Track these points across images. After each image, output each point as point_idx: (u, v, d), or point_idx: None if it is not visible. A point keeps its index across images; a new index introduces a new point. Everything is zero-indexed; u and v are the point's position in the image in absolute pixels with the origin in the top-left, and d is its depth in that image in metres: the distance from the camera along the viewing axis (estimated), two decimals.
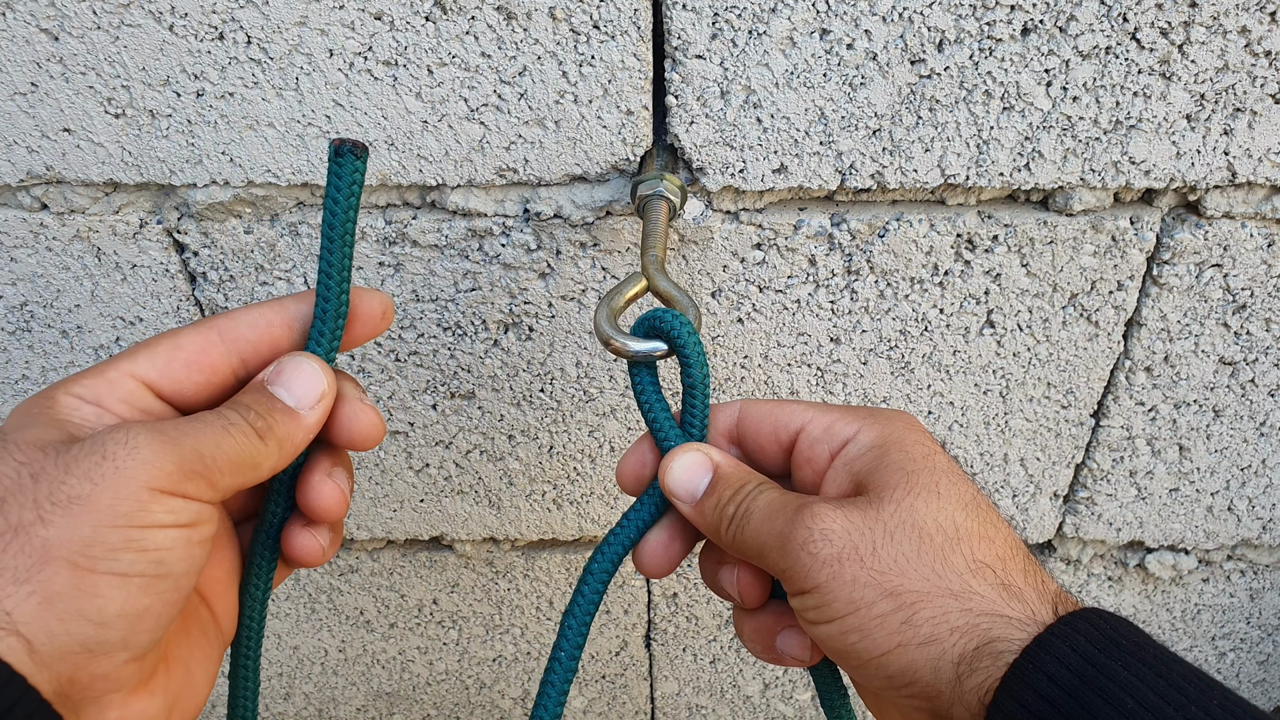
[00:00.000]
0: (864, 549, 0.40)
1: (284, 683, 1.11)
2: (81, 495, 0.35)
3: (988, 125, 0.64)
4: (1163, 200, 0.71)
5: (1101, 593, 0.98)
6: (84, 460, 0.36)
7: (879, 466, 0.43)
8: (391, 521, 0.92)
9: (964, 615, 0.39)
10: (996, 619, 0.38)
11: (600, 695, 1.12)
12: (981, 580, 0.39)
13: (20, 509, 0.35)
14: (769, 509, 0.43)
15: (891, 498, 0.41)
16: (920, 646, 0.39)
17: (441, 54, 0.62)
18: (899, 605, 0.39)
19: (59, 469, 0.36)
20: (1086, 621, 0.38)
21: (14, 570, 0.34)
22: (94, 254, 0.73)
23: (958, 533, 0.41)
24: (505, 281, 0.74)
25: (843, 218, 0.70)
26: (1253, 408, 0.82)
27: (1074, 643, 0.36)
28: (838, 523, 0.41)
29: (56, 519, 0.35)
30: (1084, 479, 0.88)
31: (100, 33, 0.61)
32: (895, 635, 0.39)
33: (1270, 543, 0.93)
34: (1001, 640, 0.38)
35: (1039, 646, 0.37)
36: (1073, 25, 0.60)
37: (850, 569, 0.40)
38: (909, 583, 0.39)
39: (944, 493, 0.42)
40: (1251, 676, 1.08)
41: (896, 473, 0.42)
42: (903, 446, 0.44)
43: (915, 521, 0.40)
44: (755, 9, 0.59)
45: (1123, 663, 0.36)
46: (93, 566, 0.35)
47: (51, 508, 0.35)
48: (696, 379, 0.49)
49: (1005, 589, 0.39)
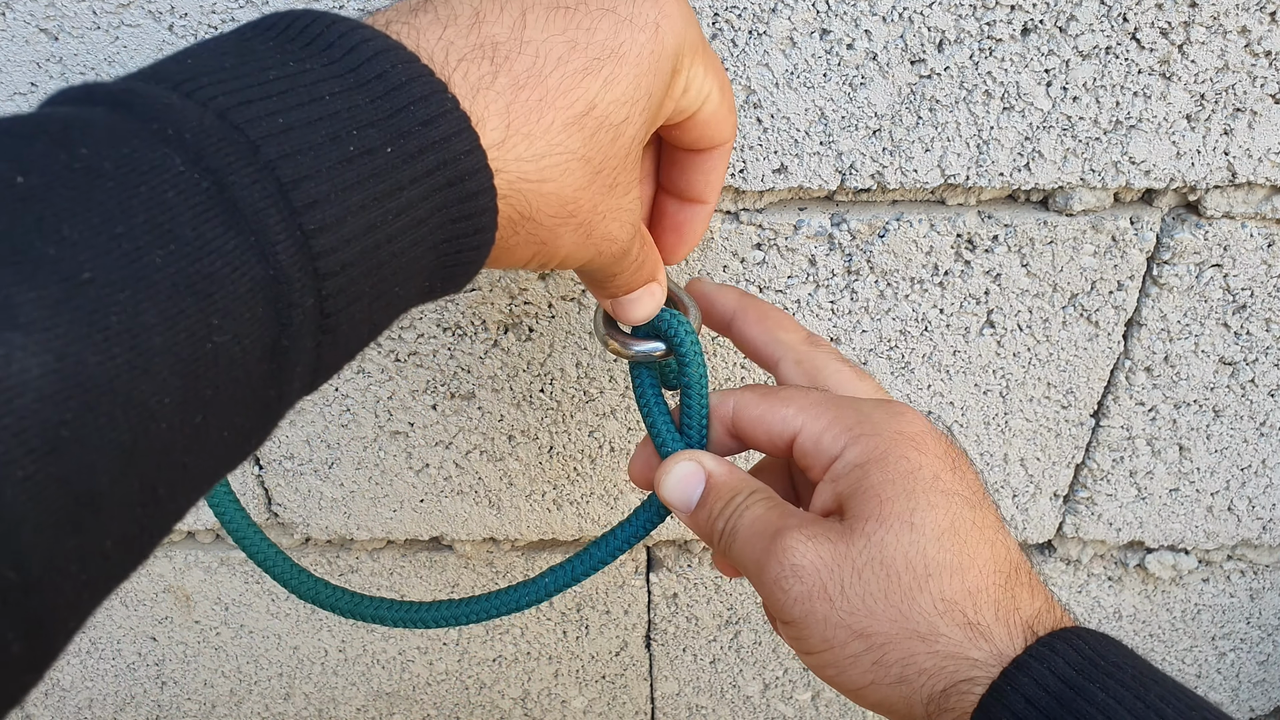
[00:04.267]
0: (833, 589, 0.40)
1: (284, 683, 1.11)
2: None
3: (988, 125, 0.64)
4: (1163, 200, 0.71)
5: (1101, 593, 0.98)
6: None
7: (858, 491, 0.42)
8: (391, 522, 0.92)
9: (931, 658, 0.39)
10: (962, 662, 0.39)
11: (600, 695, 1.12)
12: (949, 621, 0.39)
13: None
14: (751, 529, 0.44)
15: (863, 530, 0.41)
16: (892, 685, 0.40)
17: None
18: (869, 646, 0.40)
19: None
20: (1064, 643, 0.38)
21: None
22: None
23: (927, 569, 0.40)
24: (505, 281, 0.74)
25: (843, 218, 0.70)
26: (1253, 408, 0.82)
27: (1052, 664, 0.37)
28: (808, 558, 0.41)
29: None
30: (1084, 479, 0.88)
31: (99, 33, 0.61)
32: (868, 674, 0.40)
33: (1270, 543, 0.93)
34: (966, 683, 0.39)
35: (1016, 668, 0.37)
36: (1073, 25, 0.60)
37: (821, 608, 0.40)
38: (877, 624, 0.40)
39: (917, 522, 0.41)
40: (1251, 676, 1.08)
41: (871, 501, 0.41)
42: (884, 464, 0.42)
43: (884, 559, 0.40)
44: (755, 9, 0.59)
45: (1100, 684, 0.36)
46: None
47: None
48: (692, 379, 0.49)
49: (972, 629, 0.39)
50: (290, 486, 0.89)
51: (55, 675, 1.11)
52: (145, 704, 1.15)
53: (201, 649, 1.07)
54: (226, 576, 0.99)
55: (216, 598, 1.01)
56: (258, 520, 0.92)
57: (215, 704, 1.15)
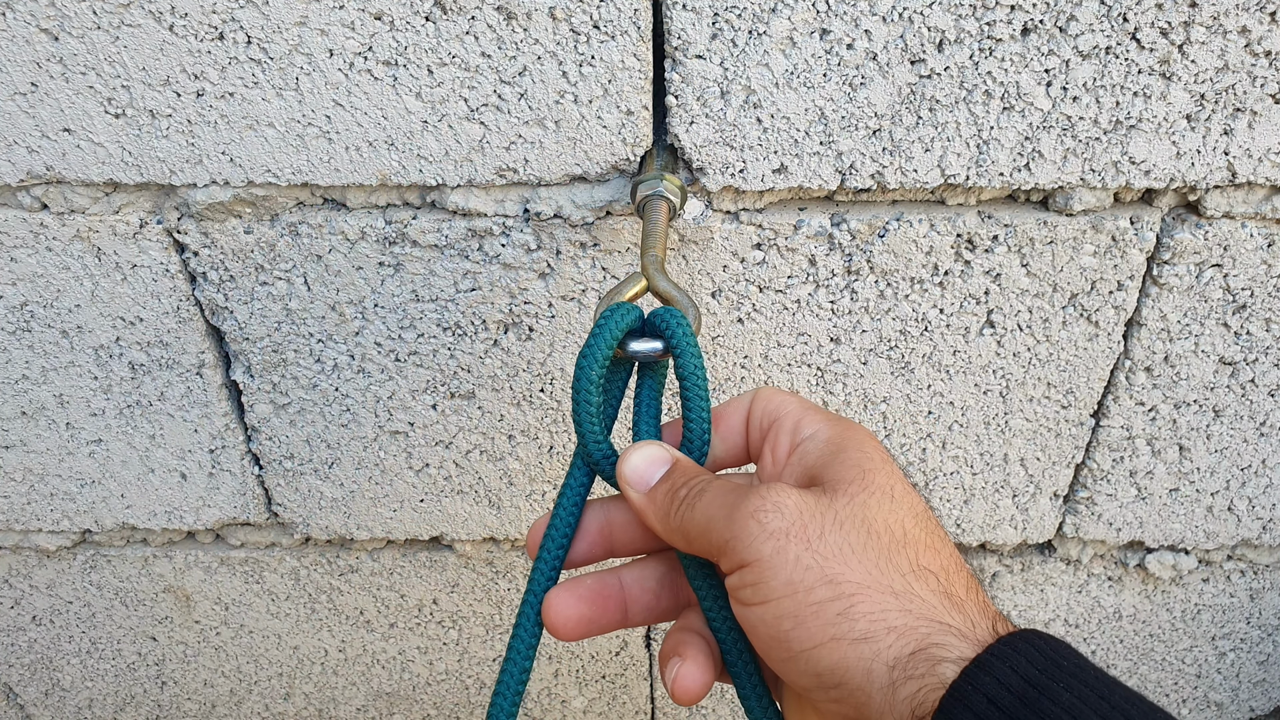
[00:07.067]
0: (812, 531, 0.39)
1: (284, 683, 1.11)
2: None
3: (988, 125, 0.64)
4: (1163, 200, 0.71)
5: (1101, 593, 0.98)
6: None
7: (834, 461, 0.43)
8: (391, 521, 0.92)
9: (903, 615, 0.38)
10: (936, 625, 0.37)
11: (600, 695, 1.12)
12: (924, 585, 0.39)
13: None
14: (722, 488, 0.43)
15: (846, 491, 0.41)
16: (854, 643, 0.37)
17: (442, 54, 0.62)
18: (837, 594, 0.38)
19: None
20: (1027, 643, 0.37)
21: None
22: (94, 254, 0.73)
23: (905, 537, 0.40)
24: (505, 281, 0.74)
25: (843, 218, 0.70)
26: (1253, 408, 0.82)
27: (1014, 663, 0.36)
28: (791, 499, 0.41)
29: None
30: (1084, 479, 0.88)
31: (100, 33, 0.61)
32: (830, 627, 0.38)
33: (1270, 543, 0.93)
34: (939, 648, 0.37)
35: (978, 668, 0.35)
36: (1073, 25, 0.60)
37: (795, 547, 0.39)
38: (850, 573, 0.38)
39: (897, 497, 0.41)
40: (1251, 676, 1.08)
41: (853, 469, 0.42)
42: (862, 447, 0.44)
43: (866, 517, 0.40)
44: (755, 9, 0.59)
45: (1065, 684, 0.35)
46: None
47: None
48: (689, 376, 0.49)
49: (947, 597, 0.39)
50: (290, 486, 0.89)
51: (55, 675, 1.11)
52: (145, 704, 1.15)
53: (201, 649, 1.07)
54: (226, 576, 0.99)
55: (216, 598, 1.01)
56: (257, 520, 0.93)
57: (215, 704, 1.15)
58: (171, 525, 0.93)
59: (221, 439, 0.85)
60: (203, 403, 0.83)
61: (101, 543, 0.97)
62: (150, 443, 0.86)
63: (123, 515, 0.92)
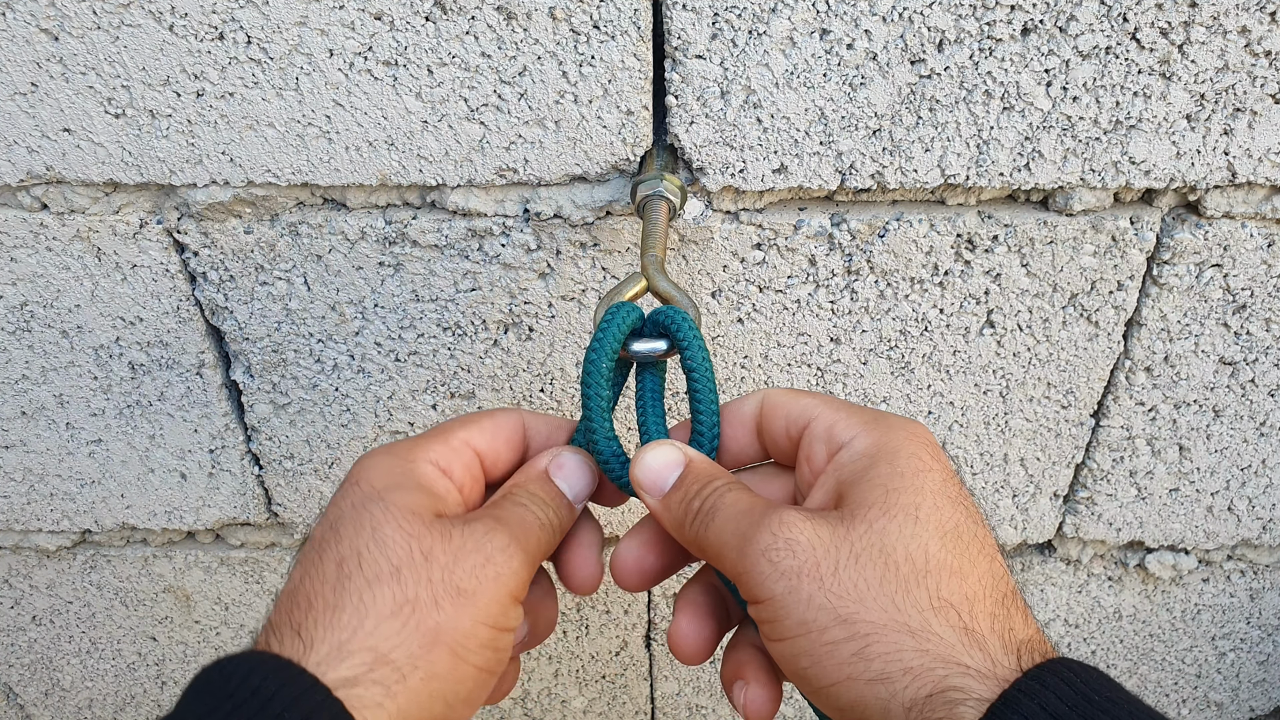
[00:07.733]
0: (825, 568, 0.38)
1: None
2: (467, 590, 0.39)
3: (988, 125, 0.64)
4: (1163, 200, 0.71)
5: (1101, 593, 0.98)
6: (470, 556, 0.40)
7: (862, 480, 0.41)
8: None
9: (919, 656, 0.36)
10: (953, 667, 0.36)
11: (600, 695, 1.12)
12: (943, 620, 0.37)
13: (416, 585, 0.38)
14: (735, 508, 0.42)
15: (865, 517, 0.39)
16: (870, 683, 0.36)
17: (441, 54, 0.62)
18: (852, 635, 0.37)
19: (447, 556, 0.39)
20: (1055, 676, 0.35)
21: (409, 646, 0.37)
22: (94, 254, 0.73)
23: (927, 564, 0.38)
24: (505, 281, 0.74)
25: (843, 218, 0.70)
26: (1253, 408, 0.82)
27: (1043, 700, 0.34)
28: (804, 534, 0.39)
29: (447, 606, 0.38)
30: (1084, 479, 0.88)
31: (100, 33, 0.61)
32: (845, 667, 0.37)
33: (1270, 543, 0.93)
34: (956, 690, 0.35)
35: (1003, 706, 0.34)
36: (1073, 25, 0.60)
37: (808, 587, 0.38)
38: (865, 612, 0.37)
39: (922, 518, 0.39)
40: (1251, 676, 1.08)
41: (877, 489, 0.40)
42: (893, 459, 0.41)
43: (884, 546, 0.38)
44: (755, 9, 0.59)
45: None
46: (464, 658, 0.39)
47: (444, 594, 0.39)
48: (698, 369, 0.49)
49: (967, 634, 0.37)
50: (290, 486, 0.89)
51: (55, 675, 1.11)
52: (145, 704, 1.15)
53: (201, 649, 1.07)
54: (226, 576, 0.99)
55: (216, 598, 1.01)
56: (257, 520, 0.93)
57: None
58: (171, 525, 0.93)
59: (221, 439, 0.85)
60: (202, 403, 0.83)
61: (101, 543, 0.97)
62: (150, 443, 0.86)
63: (123, 515, 0.92)
